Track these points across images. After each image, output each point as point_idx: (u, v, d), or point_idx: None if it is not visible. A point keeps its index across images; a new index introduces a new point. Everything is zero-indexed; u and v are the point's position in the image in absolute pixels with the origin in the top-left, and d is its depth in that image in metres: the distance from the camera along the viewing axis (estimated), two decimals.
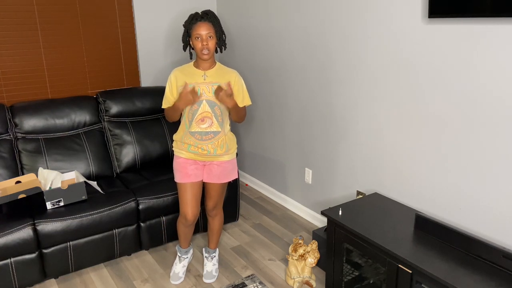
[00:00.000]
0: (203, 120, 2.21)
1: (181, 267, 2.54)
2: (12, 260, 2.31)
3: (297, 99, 3.11)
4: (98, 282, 2.51)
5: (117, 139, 3.08)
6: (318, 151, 3.00)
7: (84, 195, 2.56)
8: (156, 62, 3.67)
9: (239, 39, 3.67)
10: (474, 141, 2.00)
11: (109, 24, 3.40)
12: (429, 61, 2.13)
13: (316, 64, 2.87)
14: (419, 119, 2.24)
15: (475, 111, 1.97)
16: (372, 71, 2.47)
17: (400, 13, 2.23)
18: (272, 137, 3.48)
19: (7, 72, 3.06)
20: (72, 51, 3.28)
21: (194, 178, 2.31)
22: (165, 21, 3.64)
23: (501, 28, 1.81)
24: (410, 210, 2.26)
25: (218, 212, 2.48)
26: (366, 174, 2.64)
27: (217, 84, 2.20)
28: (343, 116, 2.73)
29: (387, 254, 1.92)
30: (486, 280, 1.66)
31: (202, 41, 2.11)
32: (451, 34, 2.01)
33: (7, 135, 2.81)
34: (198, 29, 2.09)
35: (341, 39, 2.63)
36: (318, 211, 3.12)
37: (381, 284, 2.11)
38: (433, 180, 2.23)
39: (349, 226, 2.10)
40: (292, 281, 2.42)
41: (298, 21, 2.95)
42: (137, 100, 3.21)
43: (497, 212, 1.96)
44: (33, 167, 2.76)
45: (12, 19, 3.00)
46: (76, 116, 3.00)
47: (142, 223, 2.71)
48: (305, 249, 2.38)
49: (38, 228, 2.35)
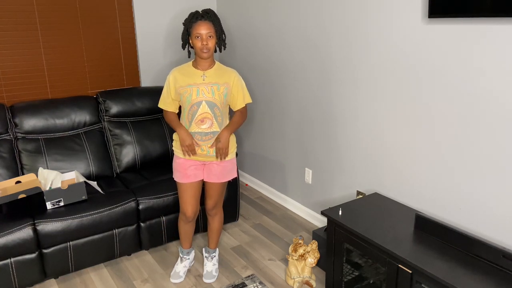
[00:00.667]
0: (203, 121, 2.21)
1: (182, 267, 2.54)
2: (12, 260, 2.31)
3: (297, 99, 3.11)
4: (98, 282, 2.51)
5: (117, 139, 3.08)
6: (318, 151, 3.00)
7: (84, 195, 2.56)
8: (156, 62, 3.67)
9: (239, 39, 3.67)
10: (474, 141, 2.00)
11: (109, 24, 3.40)
12: (429, 61, 2.13)
13: (316, 64, 2.87)
14: (419, 119, 2.24)
15: (475, 111, 1.97)
16: (372, 71, 2.47)
17: (400, 13, 2.23)
18: (272, 137, 3.48)
19: (7, 72, 3.06)
20: (72, 51, 3.28)
21: (193, 178, 2.31)
22: (165, 21, 3.64)
23: (501, 28, 1.81)
24: (410, 210, 2.26)
25: (218, 211, 2.48)
26: (366, 174, 2.64)
27: (216, 84, 2.19)
28: (343, 116, 2.73)
29: (387, 254, 1.92)
30: (486, 280, 1.66)
31: (202, 40, 2.10)
32: (451, 34, 2.01)
33: (7, 135, 2.81)
34: (198, 28, 2.09)
35: (341, 39, 2.63)
36: (318, 211, 3.12)
37: (381, 284, 2.11)
38: (433, 180, 2.23)
39: (349, 226, 2.10)
40: (292, 281, 2.42)
41: (298, 21, 2.95)
42: (137, 100, 3.21)
43: (497, 212, 1.96)
44: (33, 167, 2.77)
45: (12, 19, 3.00)
46: (76, 116, 3.00)
47: (142, 223, 2.71)
48: (305, 249, 2.38)
49: (38, 228, 2.35)
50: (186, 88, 2.18)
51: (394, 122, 2.39)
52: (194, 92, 2.18)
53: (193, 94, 2.18)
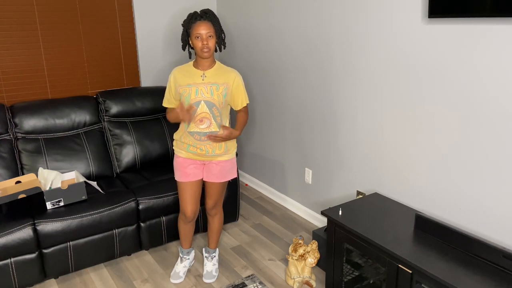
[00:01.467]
0: (201, 121, 2.21)
1: (182, 267, 2.54)
2: (12, 260, 2.31)
3: (297, 99, 3.11)
4: (98, 282, 2.51)
5: (117, 139, 3.08)
6: (318, 151, 3.00)
7: (84, 195, 2.56)
8: (156, 62, 3.67)
9: (239, 39, 3.67)
10: (473, 141, 2.00)
11: (109, 24, 3.40)
12: (429, 61, 2.13)
13: (316, 64, 2.87)
14: (419, 119, 2.24)
15: (475, 111, 1.97)
16: (372, 71, 2.47)
17: (400, 13, 2.23)
18: (272, 137, 3.48)
19: (7, 72, 3.06)
20: (72, 51, 3.28)
21: (192, 177, 2.31)
22: (165, 21, 3.64)
23: (501, 28, 1.81)
24: (410, 210, 2.26)
25: (218, 211, 2.48)
26: (366, 174, 2.64)
27: (215, 84, 2.20)
28: (343, 116, 2.73)
29: (387, 254, 1.92)
30: (486, 280, 1.66)
31: (202, 40, 2.11)
32: (451, 34, 2.01)
33: (7, 135, 2.81)
34: (198, 29, 2.09)
35: (341, 39, 2.63)
36: (318, 211, 3.12)
37: (381, 284, 2.11)
38: (433, 180, 2.23)
39: (349, 226, 2.10)
40: (292, 281, 2.42)
41: (298, 21, 2.95)
42: (137, 100, 3.21)
43: (497, 212, 1.96)
44: (33, 167, 2.77)
45: (12, 19, 3.00)
46: (76, 116, 3.00)
47: (142, 223, 2.71)
48: (305, 249, 2.38)
49: (38, 228, 2.35)
50: (185, 87, 2.19)
51: (394, 122, 2.39)
52: (193, 92, 2.18)
53: (192, 93, 2.18)
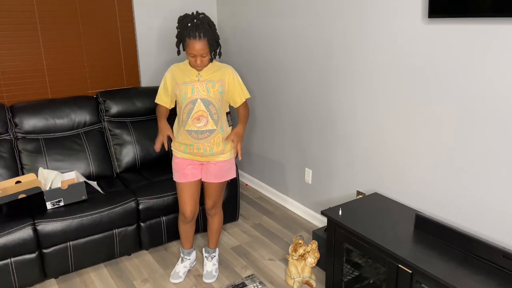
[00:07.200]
0: (199, 119, 2.21)
1: (182, 267, 2.54)
2: (12, 260, 2.31)
3: (296, 99, 3.11)
4: (98, 282, 2.51)
5: (117, 139, 3.08)
6: (318, 151, 3.00)
7: (84, 195, 2.56)
8: (156, 62, 3.67)
9: (238, 39, 3.66)
10: (473, 141, 2.00)
11: (109, 24, 3.40)
12: (429, 61, 2.13)
13: (315, 64, 2.87)
14: (419, 119, 2.24)
15: (475, 111, 1.97)
16: (372, 71, 2.47)
17: (400, 13, 2.23)
18: (272, 137, 3.48)
19: (7, 72, 3.06)
20: (72, 51, 3.28)
21: (191, 178, 2.31)
22: (165, 21, 3.63)
23: (501, 28, 1.81)
24: (410, 210, 2.26)
25: (217, 211, 2.48)
26: (366, 174, 2.64)
27: (211, 82, 2.19)
28: (343, 116, 2.73)
29: (387, 254, 1.92)
30: (486, 280, 1.66)
31: (196, 59, 2.10)
32: (451, 34, 2.01)
33: (7, 135, 2.81)
34: (192, 48, 2.06)
35: (340, 39, 2.63)
36: (318, 211, 3.12)
37: (381, 284, 2.11)
38: (433, 180, 2.23)
39: (349, 226, 2.10)
40: (292, 281, 2.42)
41: (298, 21, 2.95)
42: (137, 100, 3.21)
43: (497, 212, 1.96)
44: (33, 167, 2.77)
45: (12, 19, 3.00)
46: (76, 116, 3.00)
47: (142, 223, 2.71)
48: (305, 249, 2.38)
49: (38, 228, 2.35)
50: (182, 86, 2.19)
51: (394, 122, 2.39)
52: (189, 90, 2.18)
53: (188, 92, 2.18)
